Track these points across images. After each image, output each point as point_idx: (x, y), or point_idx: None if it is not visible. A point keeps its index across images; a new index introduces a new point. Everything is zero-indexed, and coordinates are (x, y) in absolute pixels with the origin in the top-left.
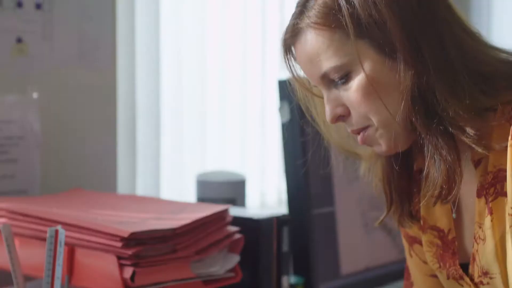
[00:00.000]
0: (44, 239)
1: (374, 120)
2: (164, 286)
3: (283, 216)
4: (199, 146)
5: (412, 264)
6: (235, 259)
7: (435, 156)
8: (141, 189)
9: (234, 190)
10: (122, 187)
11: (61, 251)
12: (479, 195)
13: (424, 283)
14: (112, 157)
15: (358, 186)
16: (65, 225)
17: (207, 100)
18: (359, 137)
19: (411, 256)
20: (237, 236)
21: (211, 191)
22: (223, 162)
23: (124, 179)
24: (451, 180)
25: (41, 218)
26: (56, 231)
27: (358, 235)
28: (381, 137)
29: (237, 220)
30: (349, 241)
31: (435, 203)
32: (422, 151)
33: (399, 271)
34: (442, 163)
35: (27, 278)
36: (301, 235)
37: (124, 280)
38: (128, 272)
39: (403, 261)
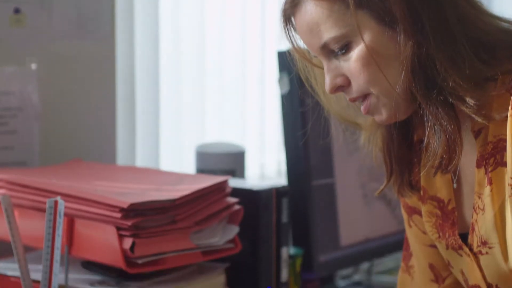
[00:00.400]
0: (43, 210)
1: (374, 90)
2: (164, 256)
3: (283, 187)
4: (199, 117)
5: (411, 234)
6: (234, 230)
7: (436, 126)
8: (141, 161)
9: (234, 161)
10: (122, 159)
11: (61, 222)
12: (478, 165)
13: (423, 253)
14: (112, 128)
15: (357, 158)
16: (65, 196)
17: (206, 71)
18: (362, 107)
19: (410, 226)
20: (237, 207)
21: (211, 162)
22: (222, 134)
23: (124, 150)
24: (452, 150)
25: (40, 189)
26: (56, 202)
27: (358, 206)
28: (383, 106)
29: (236, 192)
30: (348, 212)
31: (435, 173)
32: (422, 121)
33: (398, 242)
34: (443, 133)
35: (27, 249)
36: (301, 207)
37: (123, 251)
38: (127, 243)
39: (402, 232)
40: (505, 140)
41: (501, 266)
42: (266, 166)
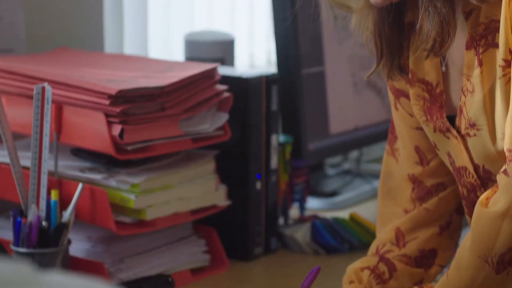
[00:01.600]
0: (31, 97)
1: None
2: (153, 143)
3: (272, 75)
4: (188, 5)
5: (398, 117)
6: (224, 117)
7: (430, 8)
8: (129, 49)
9: (223, 50)
10: (109, 47)
11: (49, 108)
12: (468, 47)
13: (409, 135)
14: (99, 15)
15: (348, 46)
16: (52, 82)
17: None
18: None
19: (396, 109)
20: (226, 94)
21: (199, 51)
22: (211, 22)
23: (111, 38)
24: (445, 33)
25: (27, 76)
26: (43, 88)
27: (348, 95)
28: None
29: (226, 79)
30: (338, 101)
31: (427, 56)
32: (415, 4)
33: (387, 131)
34: (436, 15)
35: (16, 136)
36: (290, 95)
37: (112, 137)
38: (116, 129)
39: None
40: (497, 21)
41: (489, 147)
42: (256, 56)
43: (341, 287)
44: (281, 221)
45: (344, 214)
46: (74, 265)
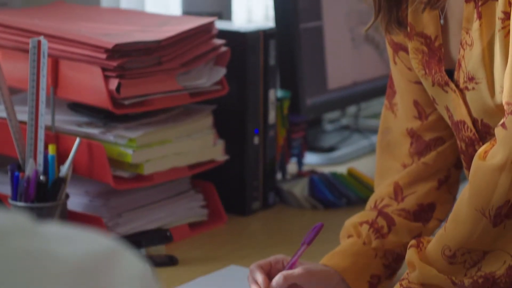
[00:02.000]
0: (27, 51)
1: None
2: (150, 98)
3: (270, 29)
4: None
5: (396, 71)
6: (221, 71)
7: None
8: (125, 3)
9: (220, 4)
10: (106, 1)
11: (45, 62)
12: (467, 0)
13: (408, 89)
14: None
15: (346, 0)
16: (48, 36)
17: None
18: None
19: (395, 63)
20: (223, 49)
21: (197, 5)
22: None
23: None
24: None
25: (23, 30)
26: (39, 42)
27: (346, 50)
28: None
29: (223, 34)
30: (336, 56)
31: (424, 10)
32: None
33: (385, 86)
34: None
35: (12, 91)
36: (288, 50)
37: (109, 92)
38: (113, 83)
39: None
40: None
41: (487, 101)
42: (253, 11)
43: (338, 241)
44: (279, 176)
45: (342, 169)
46: (72, 219)
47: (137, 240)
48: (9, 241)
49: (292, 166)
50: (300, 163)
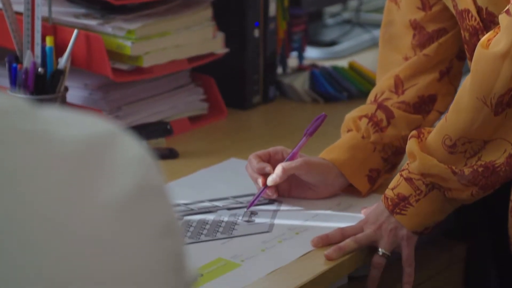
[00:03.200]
0: None
1: None
2: None
3: None
4: None
5: None
6: None
7: None
8: None
9: None
10: None
11: None
12: None
13: None
14: None
15: None
16: None
17: None
18: None
19: None
20: None
21: None
22: None
23: None
24: None
25: None
26: None
27: None
28: None
29: None
30: None
31: None
32: None
33: None
34: None
35: None
36: None
37: None
38: None
39: None
40: None
41: None
42: None
43: (339, 135)
44: (279, 70)
45: (343, 63)
46: None
47: (137, 133)
48: (7, 121)
49: (292, 60)
50: (300, 56)
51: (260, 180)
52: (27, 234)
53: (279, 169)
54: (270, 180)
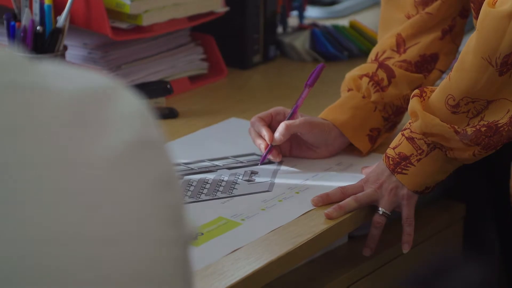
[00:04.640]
0: None
1: None
2: None
3: None
4: None
5: None
6: None
7: None
8: None
9: None
10: None
11: None
12: None
13: None
14: None
15: None
16: None
17: None
18: None
19: None
20: None
21: None
22: None
23: None
24: None
25: None
26: None
27: None
28: None
29: None
30: None
31: None
32: None
33: None
34: None
35: None
36: None
37: None
38: None
39: None
40: None
41: None
42: None
43: (339, 95)
44: (280, 29)
45: (344, 23)
46: None
47: (137, 92)
48: (3, 73)
49: (293, 20)
50: (301, 16)
51: (262, 146)
52: (23, 184)
53: (282, 126)
54: (275, 140)
